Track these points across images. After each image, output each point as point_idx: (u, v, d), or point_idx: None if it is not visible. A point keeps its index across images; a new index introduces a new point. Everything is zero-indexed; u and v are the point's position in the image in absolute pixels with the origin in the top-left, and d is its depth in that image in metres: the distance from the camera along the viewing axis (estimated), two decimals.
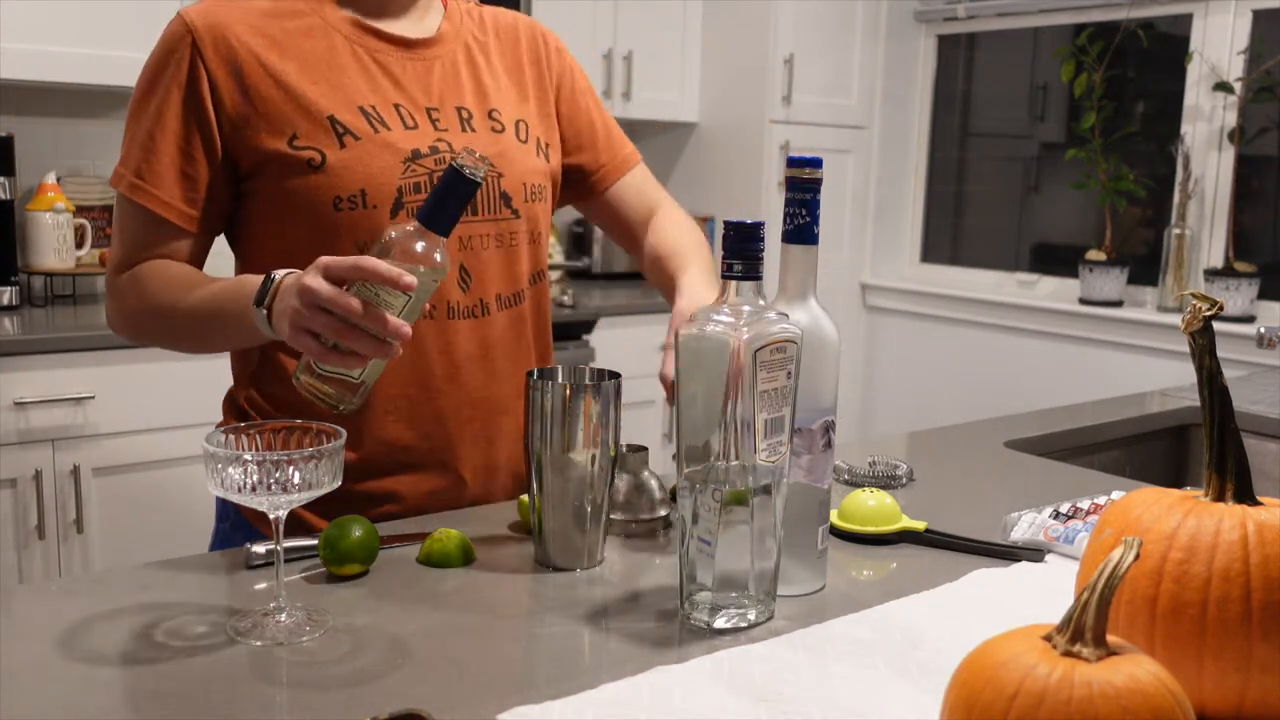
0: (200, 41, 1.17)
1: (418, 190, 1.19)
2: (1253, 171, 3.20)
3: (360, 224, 1.17)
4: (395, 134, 1.19)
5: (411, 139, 1.20)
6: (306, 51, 1.19)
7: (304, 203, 1.17)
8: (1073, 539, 1.17)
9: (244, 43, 1.17)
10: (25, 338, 2.39)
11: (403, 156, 1.19)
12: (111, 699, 0.81)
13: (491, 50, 1.32)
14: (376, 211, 1.17)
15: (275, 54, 1.18)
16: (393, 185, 1.18)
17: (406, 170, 1.18)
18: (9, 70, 2.53)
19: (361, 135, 1.17)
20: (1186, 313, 0.81)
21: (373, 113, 1.19)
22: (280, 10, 1.20)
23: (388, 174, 1.17)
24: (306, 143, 1.16)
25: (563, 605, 1.00)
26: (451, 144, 1.22)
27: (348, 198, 1.16)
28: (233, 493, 0.89)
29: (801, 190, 1.01)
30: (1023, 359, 3.56)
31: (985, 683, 0.66)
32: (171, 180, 1.18)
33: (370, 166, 1.17)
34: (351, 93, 1.19)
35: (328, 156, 1.16)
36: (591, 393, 1.06)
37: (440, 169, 1.20)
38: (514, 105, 1.31)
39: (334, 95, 1.18)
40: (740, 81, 3.71)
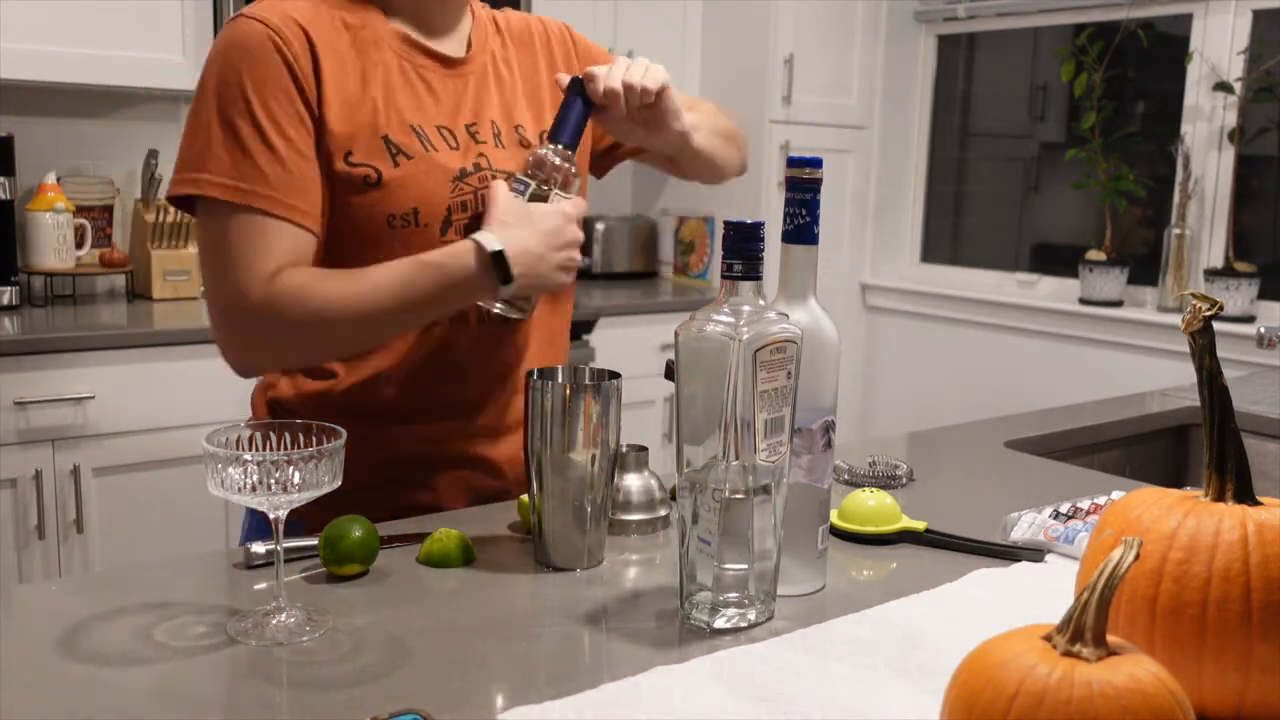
0: (282, 36, 1.13)
1: (464, 209, 1.21)
2: (1253, 171, 3.20)
3: (412, 241, 1.18)
4: (443, 154, 1.21)
5: (456, 158, 1.22)
6: (362, 66, 1.18)
7: (358, 218, 1.17)
8: (1073, 539, 1.17)
9: (315, 47, 1.15)
10: (25, 338, 2.39)
11: (451, 176, 1.21)
12: (111, 699, 0.81)
13: (512, 60, 1.34)
14: (428, 230, 1.19)
15: (337, 63, 1.16)
16: (443, 204, 1.20)
17: (455, 189, 1.21)
18: (9, 70, 2.53)
19: (414, 155, 1.19)
20: (1186, 313, 0.81)
21: (421, 132, 1.21)
22: (336, 20, 1.18)
23: (439, 193, 1.20)
24: (362, 160, 1.16)
25: (563, 605, 1.01)
26: (491, 160, 1.25)
27: (401, 216, 1.18)
28: (233, 493, 0.89)
29: (801, 190, 1.01)
30: (1023, 359, 3.56)
31: (985, 683, 0.66)
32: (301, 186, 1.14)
33: (423, 186, 1.19)
34: (402, 111, 1.20)
35: (383, 175, 1.17)
36: (591, 393, 1.06)
37: (483, 188, 1.23)
38: (535, 116, 1.33)
39: (387, 113, 1.18)
40: (740, 81, 3.71)
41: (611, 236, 3.87)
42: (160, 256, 2.90)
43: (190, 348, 2.54)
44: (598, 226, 3.85)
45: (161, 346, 2.51)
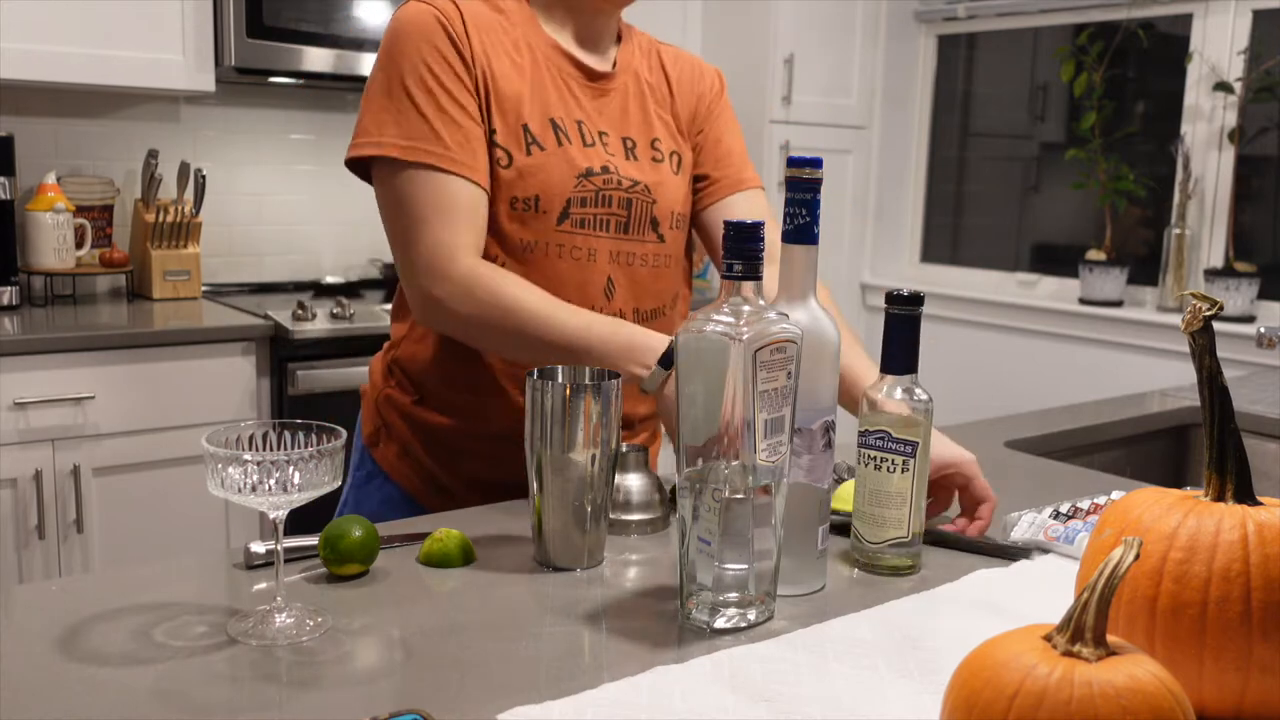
0: (448, 17, 1.24)
1: (584, 204, 1.29)
2: (1253, 171, 3.20)
3: (529, 223, 1.27)
4: (574, 149, 1.29)
5: (587, 156, 1.30)
6: (514, 60, 1.28)
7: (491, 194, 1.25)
8: (1073, 539, 1.17)
9: (475, 30, 1.25)
10: (25, 338, 2.39)
11: (577, 172, 1.28)
12: (111, 699, 0.81)
13: (660, 86, 1.41)
14: (546, 216, 1.27)
15: (493, 53, 1.26)
16: (564, 196, 1.27)
17: (578, 185, 1.28)
18: (9, 70, 2.53)
19: (547, 146, 1.27)
20: (1186, 313, 0.81)
21: (560, 125, 1.29)
22: (495, 20, 1.29)
23: (561, 186, 1.27)
24: (502, 142, 1.25)
25: (563, 605, 1.01)
26: (619, 168, 1.32)
27: (523, 199, 1.26)
28: (233, 493, 0.89)
29: (801, 190, 1.01)
30: (1023, 359, 3.56)
31: (985, 683, 0.66)
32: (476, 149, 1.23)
33: (550, 177, 1.26)
34: (545, 105, 1.29)
35: (514, 160, 1.25)
36: (592, 392, 1.06)
37: (606, 189, 1.30)
38: (671, 137, 1.40)
39: (530, 105, 1.27)
40: (740, 81, 3.70)
41: None
42: (160, 256, 2.90)
43: (190, 348, 2.54)
44: None
45: (161, 346, 2.51)
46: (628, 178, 1.32)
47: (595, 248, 1.30)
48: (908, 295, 1.08)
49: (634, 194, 1.32)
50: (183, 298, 2.93)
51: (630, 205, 1.32)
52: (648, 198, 1.34)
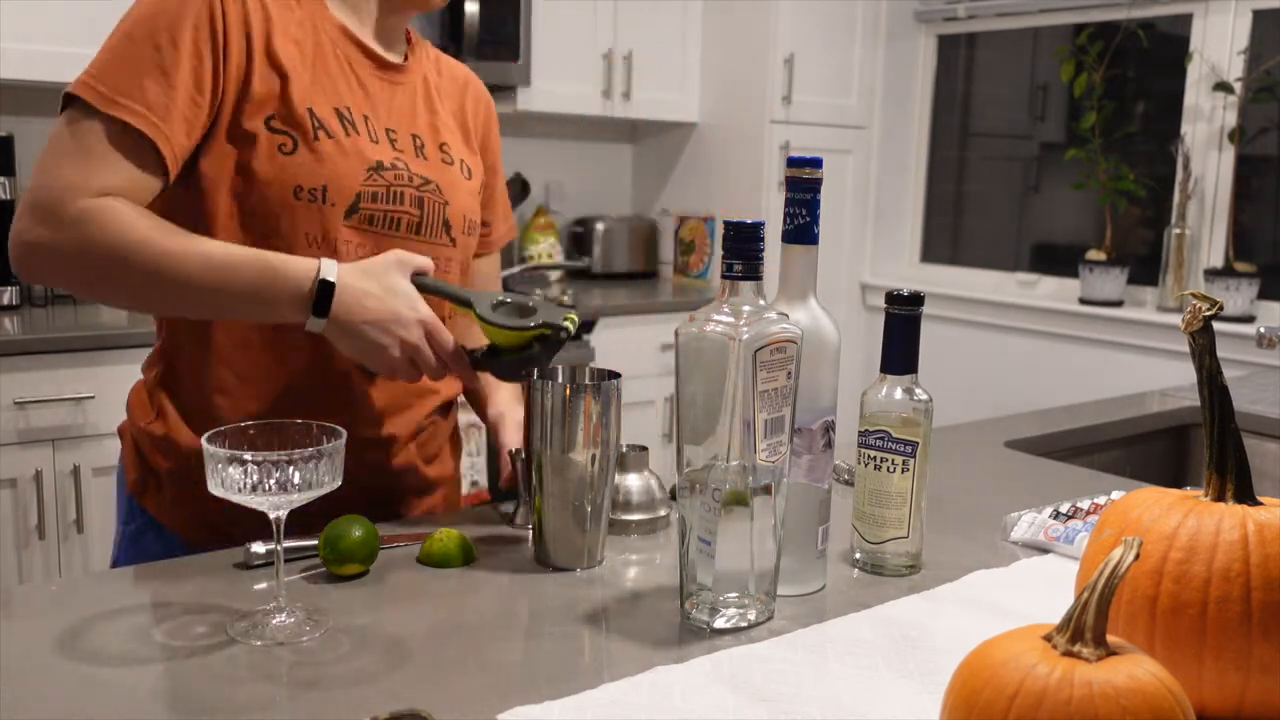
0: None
1: (374, 199, 1.20)
2: (1253, 171, 3.20)
3: (314, 218, 1.17)
4: (363, 141, 1.20)
5: (376, 151, 1.21)
6: (299, 41, 1.19)
7: (267, 183, 1.16)
8: (1073, 539, 1.17)
9: (255, 9, 1.16)
10: (25, 338, 2.39)
11: (367, 165, 1.19)
12: (111, 699, 0.81)
13: (445, 92, 1.35)
14: (333, 209, 1.17)
15: (275, 31, 1.17)
16: (353, 190, 1.18)
17: (368, 179, 1.19)
18: (9, 70, 2.53)
19: (334, 134, 1.18)
20: (1186, 313, 0.81)
21: (347, 115, 1.20)
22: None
23: (351, 178, 1.18)
24: (282, 126, 1.16)
25: (563, 605, 1.01)
26: (409, 164, 1.24)
27: (309, 189, 1.16)
28: (233, 493, 0.89)
29: (801, 190, 1.01)
30: (1023, 359, 3.56)
31: (985, 682, 0.66)
32: (177, 119, 1.11)
33: (338, 166, 1.17)
34: (330, 93, 1.20)
35: (299, 147, 1.16)
36: (592, 393, 1.06)
37: (397, 185, 1.21)
38: (460, 145, 1.34)
39: (315, 90, 1.18)
40: (740, 81, 3.71)
41: (611, 236, 3.87)
42: None
43: None
44: (598, 226, 3.85)
45: None
46: (419, 175, 1.24)
47: (382, 246, 1.19)
48: (908, 295, 1.08)
49: (425, 192, 1.24)
50: None
51: (422, 205, 1.24)
52: (440, 198, 1.26)
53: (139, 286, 1.11)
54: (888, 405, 1.08)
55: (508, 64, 3.31)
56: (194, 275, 1.09)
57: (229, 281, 1.09)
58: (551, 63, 3.44)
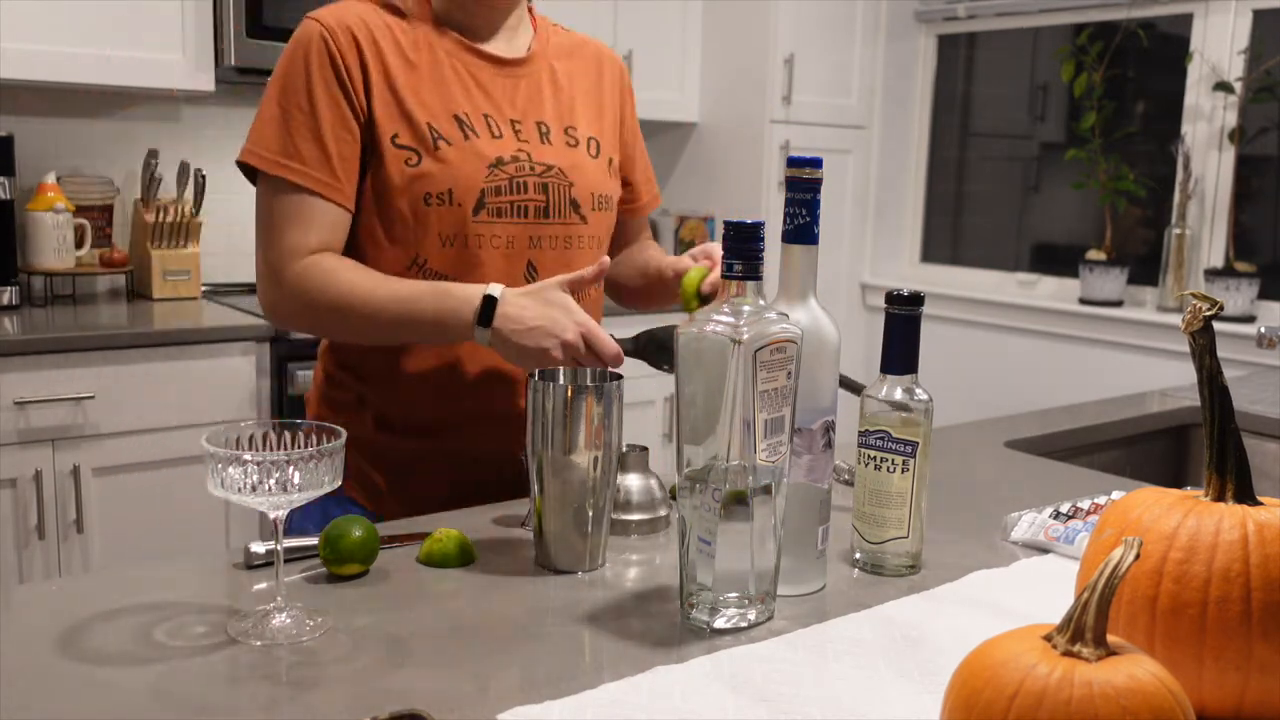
0: (335, 37, 1.28)
1: (498, 193, 1.31)
2: (1253, 171, 3.20)
3: (446, 218, 1.30)
4: (483, 142, 1.31)
5: (496, 147, 1.32)
6: (414, 61, 1.32)
7: (399, 194, 1.29)
8: (1073, 539, 1.17)
9: (366, 44, 1.29)
10: (25, 338, 2.39)
11: (487, 163, 1.31)
12: (111, 699, 0.81)
13: (575, 72, 1.45)
14: (461, 209, 1.29)
15: (389, 59, 1.30)
16: (477, 188, 1.30)
17: (490, 175, 1.31)
18: (9, 70, 2.53)
19: (454, 142, 1.30)
20: (1186, 313, 0.81)
21: (465, 120, 1.32)
22: (393, 23, 1.33)
23: (473, 178, 1.30)
24: (406, 143, 1.29)
25: (562, 605, 1.01)
26: (531, 154, 1.34)
27: (437, 195, 1.29)
28: (233, 493, 0.89)
29: (801, 190, 1.01)
30: (1023, 359, 3.56)
31: (985, 682, 0.66)
32: (336, 165, 1.28)
33: (459, 170, 1.29)
34: (448, 102, 1.32)
35: (423, 158, 1.29)
36: (593, 394, 1.06)
37: (519, 176, 1.32)
38: (589, 123, 1.43)
39: (433, 104, 1.31)
40: (740, 81, 3.71)
41: None
42: (160, 256, 2.89)
43: (190, 348, 2.54)
44: None
45: (161, 346, 2.51)
46: (541, 162, 1.34)
47: (514, 235, 1.32)
48: (908, 295, 1.08)
49: (549, 178, 1.34)
50: (183, 298, 2.93)
51: (547, 189, 1.34)
52: (564, 180, 1.36)
53: (353, 325, 1.29)
54: (888, 405, 1.08)
55: None
56: (387, 309, 1.25)
57: (414, 311, 1.25)
58: None
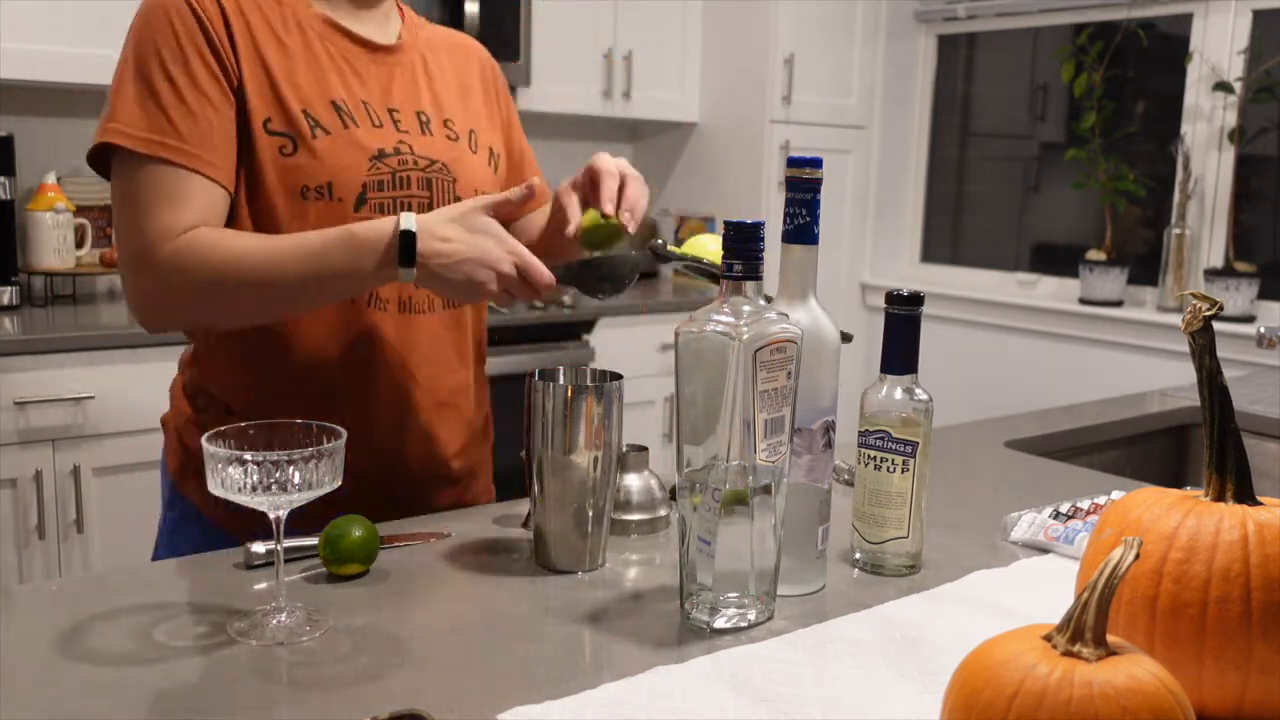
0: (201, 6, 1.16)
1: (380, 188, 1.21)
2: (1253, 171, 3.20)
3: (324, 213, 1.18)
4: (363, 131, 1.22)
5: (378, 138, 1.22)
6: (284, 42, 1.20)
7: (274, 186, 1.18)
8: (1073, 539, 1.17)
9: (234, 15, 1.18)
10: (25, 338, 2.39)
11: (369, 154, 1.21)
12: (111, 699, 0.81)
13: (445, 65, 1.35)
14: (341, 204, 1.19)
15: (259, 34, 1.19)
16: (358, 180, 1.20)
17: (372, 168, 1.21)
18: (9, 70, 2.53)
19: (332, 130, 1.19)
20: (1186, 313, 0.81)
21: (344, 107, 1.21)
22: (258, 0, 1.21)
23: (354, 170, 1.20)
24: (280, 129, 1.18)
25: (563, 605, 1.00)
26: (413, 146, 1.25)
27: (314, 188, 1.18)
28: (232, 493, 0.89)
29: (801, 190, 1.01)
30: (1023, 359, 3.56)
31: (985, 682, 0.66)
32: (213, 139, 1.15)
33: (339, 160, 1.19)
34: (324, 87, 1.21)
35: (299, 147, 1.18)
36: (593, 394, 1.06)
37: (402, 170, 1.23)
38: (465, 116, 1.34)
39: (307, 88, 1.20)
40: (740, 81, 3.71)
41: None
42: None
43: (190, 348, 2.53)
44: None
45: (161, 346, 2.51)
46: (424, 156, 1.25)
47: None
48: (908, 295, 1.08)
49: (432, 173, 1.26)
50: None
51: (431, 185, 1.25)
52: (447, 176, 1.27)
53: (247, 298, 1.14)
54: (888, 405, 1.08)
55: (508, 64, 3.30)
56: (289, 268, 1.12)
57: (323, 264, 1.12)
58: (551, 63, 3.43)
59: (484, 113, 1.38)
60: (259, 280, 1.12)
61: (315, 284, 1.13)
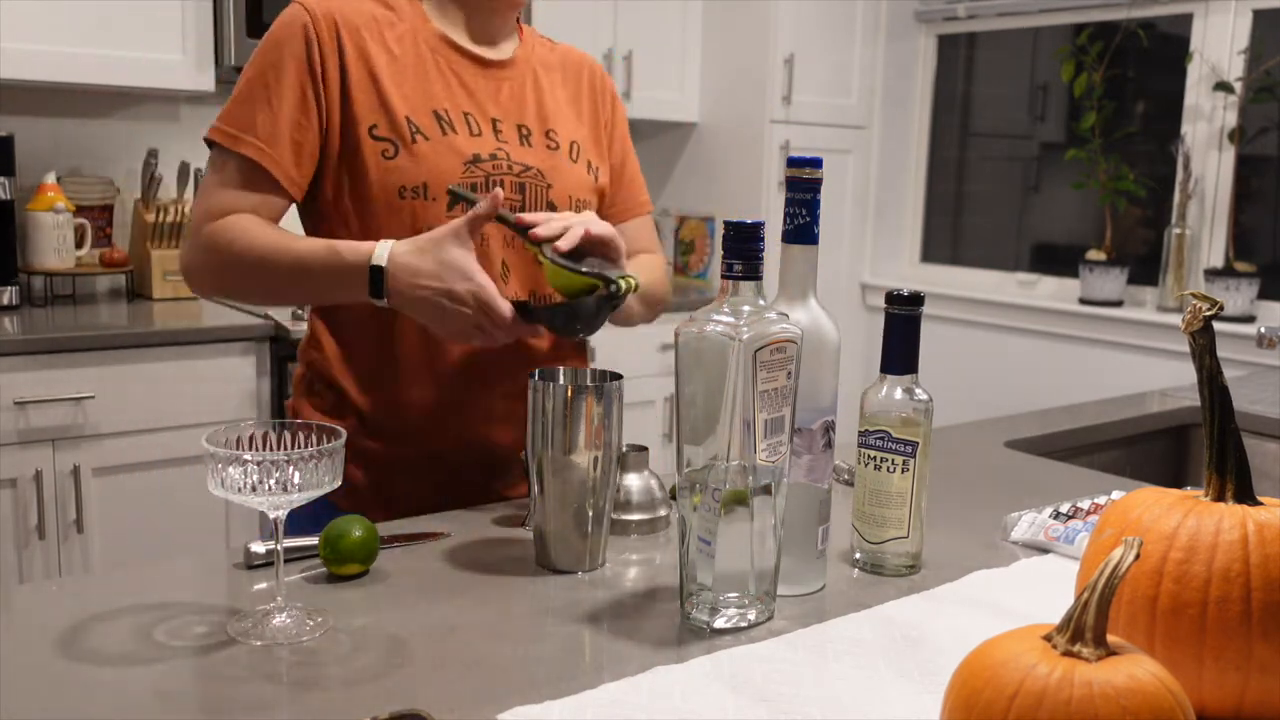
0: (316, 24, 1.27)
1: (473, 190, 1.30)
2: (1253, 171, 3.20)
3: (419, 213, 1.28)
4: (460, 138, 1.31)
5: (474, 144, 1.31)
6: (397, 55, 1.31)
7: (376, 186, 1.28)
8: (1073, 539, 1.17)
9: (350, 34, 1.29)
10: (25, 338, 2.39)
11: (464, 159, 1.30)
12: (111, 699, 0.81)
13: (557, 80, 1.44)
14: (436, 204, 1.28)
15: (372, 48, 1.29)
16: (452, 182, 1.29)
17: (466, 171, 1.30)
18: (9, 70, 2.53)
19: (431, 136, 1.29)
20: (1186, 313, 0.81)
21: (444, 116, 1.31)
22: (380, 15, 1.32)
23: (448, 173, 1.29)
24: (384, 134, 1.28)
25: (563, 605, 1.01)
26: (510, 154, 1.33)
27: (411, 188, 1.28)
28: (233, 493, 0.89)
29: (801, 190, 1.01)
30: (1023, 359, 3.56)
31: (985, 682, 0.66)
32: (285, 144, 1.26)
33: (435, 164, 1.28)
34: (429, 97, 1.31)
35: (400, 150, 1.28)
36: (593, 394, 1.06)
37: (496, 174, 1.31)
38: (570, 128, 1.42)
39: (414, 98, 1.30)
40: (740, 81, 3.71)
41: None
42: (160, 256, 2.89)
43: (190, 348, 2.54)
44: None
45: (161, 346, 2.51)
46: (519, 163, 1.33)
47: (488, 232, 1.30)
48: (908, 295, 1.08)
49: (526, 178, 1.33)
50: (183, 298, 2.93)
51: (524, 189, 1.33)
52: (541, 182, 1.35)
53: (259, 284, 1.28)
54: (888, 405, 1.08)
55: None
56: (282, 270, 1.24)
57: (311, 274, 1.23)
58: None
59: (589, 125, 1.45)
60: (265, 271, 1.25)
61: (311, 288, 1.26)
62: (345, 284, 1.21)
